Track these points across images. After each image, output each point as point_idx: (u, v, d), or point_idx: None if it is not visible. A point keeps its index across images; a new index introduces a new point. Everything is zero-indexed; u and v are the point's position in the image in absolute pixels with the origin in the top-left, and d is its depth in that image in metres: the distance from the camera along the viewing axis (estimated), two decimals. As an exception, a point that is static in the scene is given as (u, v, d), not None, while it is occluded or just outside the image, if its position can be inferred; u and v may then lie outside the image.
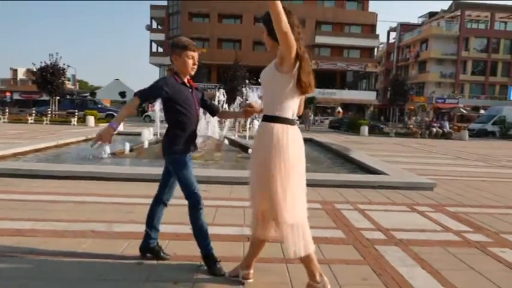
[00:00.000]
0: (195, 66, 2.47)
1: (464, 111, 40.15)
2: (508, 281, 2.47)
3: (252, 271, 2.37)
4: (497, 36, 47.28)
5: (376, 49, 48.03)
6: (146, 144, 8.06)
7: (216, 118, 7.57)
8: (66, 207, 3.81)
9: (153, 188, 4.78)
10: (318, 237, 2.77)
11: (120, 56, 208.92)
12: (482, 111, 40.18)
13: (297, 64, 2.09)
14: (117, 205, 3.93)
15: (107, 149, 7.41)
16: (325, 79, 42.81)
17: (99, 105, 26.66)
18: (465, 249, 3.03)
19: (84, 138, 10.26)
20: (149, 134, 10.85)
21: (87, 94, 47.92)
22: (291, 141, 2.09)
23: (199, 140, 2.70)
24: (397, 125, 34.50)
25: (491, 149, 15.45)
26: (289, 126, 2.11)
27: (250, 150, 8.12)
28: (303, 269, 2.18)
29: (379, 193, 5.07)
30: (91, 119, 20.35)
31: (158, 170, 5.61)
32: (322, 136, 18.83)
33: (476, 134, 25.58)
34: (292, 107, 2.14)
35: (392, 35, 57.40)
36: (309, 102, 40.85)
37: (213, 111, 2.72)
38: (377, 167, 6.47)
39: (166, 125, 2.54)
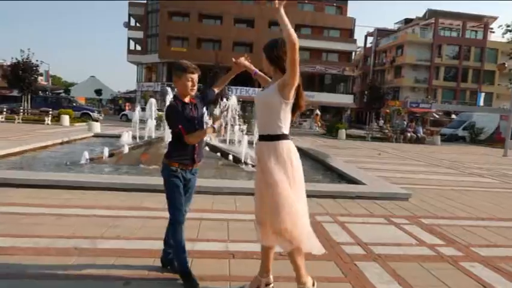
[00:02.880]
0: (195, 88, 2.63)
1: (437, 116, 41.65)
2: (477, 297, 2.64)
3: (271, 276, 2.49)
4: (468, 44, 49.24)
5: (353, 53, 49.00)
6: (126, 149, 7.95)
7: None
8: (45, 220, 3.74)
9: (134, 198, 4.78)
10: (301, 255, 2.85)
11: (96, 52, 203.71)
12: (453, 116, 41.78)
13: (297, 90, 2.34)
14: (100, 218, 3.89)
15: (85, 154, 7.27)
16: (304, 82, 43.13)
17: (74, 104, 25.92)
18: (439, 264, 3.20)
19: (60, 141, 10.00)
20: (128, 137, 10.72)
21: (61, 91, 46.53)
22: (295, 153, 2.37)
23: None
24: (373, 127, 35.33)
25: (461, 154, 16.11)
26: (290, 141, 2.38)
27: (230, 157, 8.17)
28: None
29: (357, 204, 5.23)
30: (66, 118, 19.78)
31: (138, 179, 5.62)
32: (300, 140, 19.08)
33: (448, 139, 26.61)
34: (288, 123, 2.39)
35: (370, 39, 58.74)
36: (288, 104, 41.16)
37: (213, 98, 2.92)
38: (355, 176, 6.66)
39: (148, 127, 2.69)
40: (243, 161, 7.90)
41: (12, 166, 6.71)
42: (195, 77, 2.59)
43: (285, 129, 2.35)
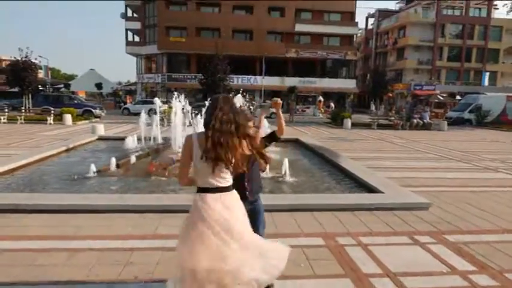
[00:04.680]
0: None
1: (441, 98, 41.13)
2: None
3: None
4: (471, 23, 48.25)
5: (355, 36, 48.15)
6: (133, 159, 7.77)
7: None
8: (58, 259, 3.58)
9: (147, 222, 4.61)
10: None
11: (95, 43, 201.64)
12: (458, 97, 41.27)
13: None
14: (114, 253, 3.72)
15: (92, 167, 7.10)
16: (305, 68, 42.78)
17: (76, 101, 25.65)
18: (475, 299, 3.03)
19: (65, 148, 9.82)
20: (133, 142, 10.55)
21: (62, 86, 46.16)
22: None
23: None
24: (377, 113, 35.19)
25: (471, 142, 15.86)
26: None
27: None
28: None
29: (376, 217, 5.06)
30: (68, 118, 19.60)
31: (149, 199, 5.43)
32: (305, 131, 18.86)
33: (454, 122, 26.32)
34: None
35: (371, 21, 57.71)
36: (290, 91, 40.76)
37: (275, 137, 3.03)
38: (371, 182, 6.48)
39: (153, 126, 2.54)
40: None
41: (21, 182, 6.57)
42: None
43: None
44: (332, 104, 36.12)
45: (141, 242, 3.99)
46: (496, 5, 49.01)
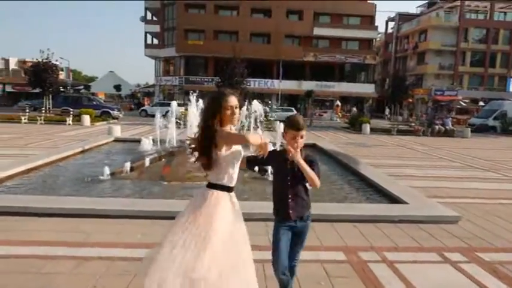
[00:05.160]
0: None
1: (464, 104, 39.99)
2: None
3: None
4: (496, 27, 46.90)
5: (374, 40, 47.43)
6: (147, 163, 7.64)
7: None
8: (64, 267, 3.41)
9: (157, 230, 4.41)
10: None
11: (115, 46, 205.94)
12: (481, 103, 40.05)
13: None
14: (122, 263, 3.54)
15: (106, 169, 7.00)
16: (323, 72, 42.34)
17: (94, 102, 26.01)
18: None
19: (80, 149, 9.81)
20: (149, 144, 10.47)
21: (81, 87, 47.09)
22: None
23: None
24: (397, 118, 34.44)
25: (496, 150, 15.21)
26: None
27: (256, 167, 7.74)
28: None
29: (401, 230, 4.73)
30: (86, 119, 19.84)
31: (160, 204, 5.22)
32: (322, 135, 18.53)
33: (478, 129, 25.39)
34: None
35: (391, 24, 56.78)
36: (307, 95, 40.39)
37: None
38: (395, 192, 6.13)
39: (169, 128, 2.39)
40: (270, 172, 7.46)
41: (34, 183, 6.52)
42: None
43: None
44: (354, 109, 35.53)
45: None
46: (522, 9, 47.49)
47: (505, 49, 46.79)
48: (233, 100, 2.27)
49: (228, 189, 2.35)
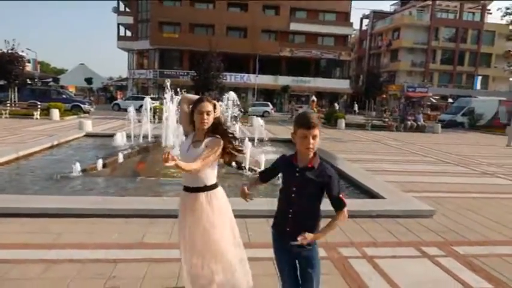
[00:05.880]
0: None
1: (434, 100, 41.32)
2: None
3: None
4: (465, 27, 48.58)
5: (349, 37, 48.08)
6: (120, 158, 7.37)
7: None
8: (32, 272, 3.19)
9: (133, 229, 4.25)
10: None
11: (86, 38, 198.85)
12: (450, 100, 41.52)
13: None
14: (95, 265, 3.36)
15: (77, 166, 6.69)
16: (299, 67, 42.54)
17: (64, 96, 24.99)
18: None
19: (49, 145, 9.36)
20: (122, 139, 10.14)
21: (50, 80, 45.15)
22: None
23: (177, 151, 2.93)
24: (371, 113, 35.18)
25: (465, 145, 15.77)
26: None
27: (233, 163, 7.62)
28: None
29: (379, 225, 4.78)
30: (55, 113, 19.03)
31: (135, 202, 5.02)
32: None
33: (447, 125, 26.30)
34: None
35: (365, 22, 57.72)
36: (283, 90, 40.51)
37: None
38: (370, 186, 6.21)
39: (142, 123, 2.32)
40: (247, 168, 7.38)
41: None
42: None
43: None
44: (336, 104, 35.87)
45: (125, 253, 3.63)
46: (489, 10, 49.46)
47: (472, 48, 48.60)
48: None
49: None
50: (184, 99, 2.59)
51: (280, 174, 2.23)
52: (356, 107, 40.77)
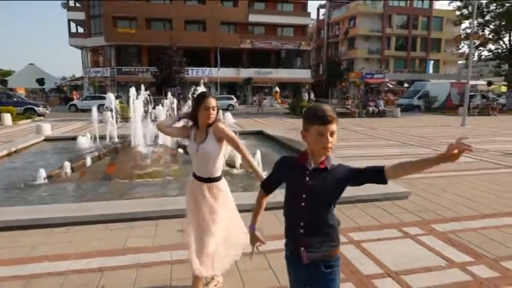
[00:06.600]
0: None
1: (391, 86, 42.95)
2: None
3: None
4: (415, 14, 50.69)
5: (308, 26, 48.68)
6: (89, 162, 7.01)
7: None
8: (10, 289, 2.97)
9: (114, 234, 4.07)
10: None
11: (34, 37, 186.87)
12: (405, 85, 43.38)
13: None
14: (79, 276, 3.17)
15: (42, 172, 6.29)
16: (260, 59, 42.56)
17: (15, 99, 23.41)
18: (482, 294, 2.90)
19: (6, 152, 8.73)
20: (86, 142, 9.68)
21: (-3, 82, 42.18)
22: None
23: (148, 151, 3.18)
24: (333, 101, 36.01)
25: (424, 127, 16.56)
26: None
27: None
28: None
29: (360, 210, 4.89)
30: (7, 117, 17.79)
31: (113, 206, 4.80)
32: (266, 122, 18.71)
33: (405, 109, 27.49)
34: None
35: (322, 11, 58.62)
36: (246, 82, 40.43)
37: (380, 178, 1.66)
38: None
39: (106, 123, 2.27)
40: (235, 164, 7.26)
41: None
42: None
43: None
44: (306, 94, 36.34)
45: (110, 260, 3.46)
46: (436, -4, 51.84)
47: (423, 34, 50.89)
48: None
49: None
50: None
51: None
52: (312, 95, 41.64)
